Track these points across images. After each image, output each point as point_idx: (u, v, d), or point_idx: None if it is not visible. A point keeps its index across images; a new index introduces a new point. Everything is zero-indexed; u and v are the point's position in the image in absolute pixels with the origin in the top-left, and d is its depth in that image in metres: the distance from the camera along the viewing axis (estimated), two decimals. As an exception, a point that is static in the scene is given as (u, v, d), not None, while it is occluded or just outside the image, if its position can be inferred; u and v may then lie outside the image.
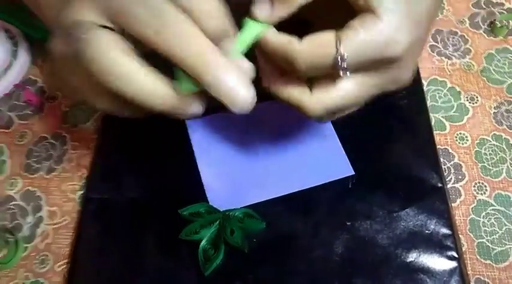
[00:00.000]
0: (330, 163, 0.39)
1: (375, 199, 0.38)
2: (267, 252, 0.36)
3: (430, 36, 0.48)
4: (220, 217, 0.37)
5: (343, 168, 0.39)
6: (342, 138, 0.40)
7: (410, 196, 0.38)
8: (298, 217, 0.37)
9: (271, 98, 0.31)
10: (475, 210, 0.38)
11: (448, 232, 0.36)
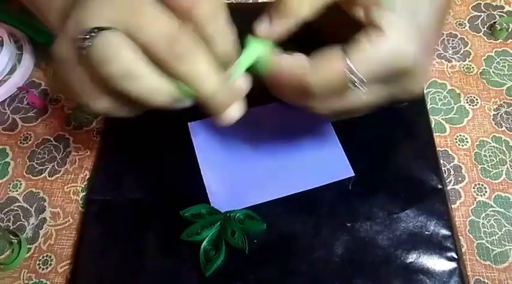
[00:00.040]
0: (330, 165, 0.40)
1: (375, 201, 0.38)
2: (267, 253, 0.36)
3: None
4: (221, 218, 0.37)
5: (344, 170, 0.39)
6: (342, 139, 0.41)
7: (410, 197, 0.38)
8: (299, 218, 0.38)
9: (272, 101, 0.31)
10: (475, 211, 0.38)
11: (447, 233, 0.36)
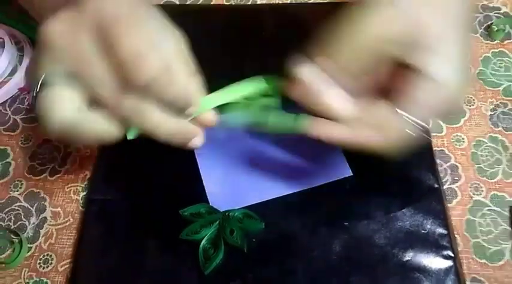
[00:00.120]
0: (328, 165, 0.40)
1: (372, 200, 0.38)
2: (266, 252, 0.37)
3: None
4: (220, 218, 0.37)
5: (342, 169, 0.40)
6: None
7: (407, 196, 0.38)
8: (297, 218, 0.38)
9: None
10: (471, 210, 0.39)
11: (444, 231, 0.37)
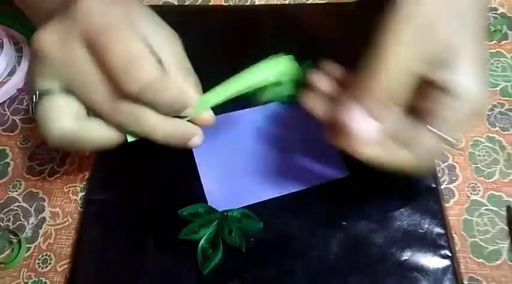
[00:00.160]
0: (326, 165, 0.40)
1: (370, 200, 0.39)
2: (264, 251, 0.37)
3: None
4: (219, 217, 0.37)
5: (339, 170, 0.40)
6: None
7: (405, 196, 0.39)
8: (295, 217, 0.38)
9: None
10: (469, 210, 0.39)
11: (441, 231, 0.37)
